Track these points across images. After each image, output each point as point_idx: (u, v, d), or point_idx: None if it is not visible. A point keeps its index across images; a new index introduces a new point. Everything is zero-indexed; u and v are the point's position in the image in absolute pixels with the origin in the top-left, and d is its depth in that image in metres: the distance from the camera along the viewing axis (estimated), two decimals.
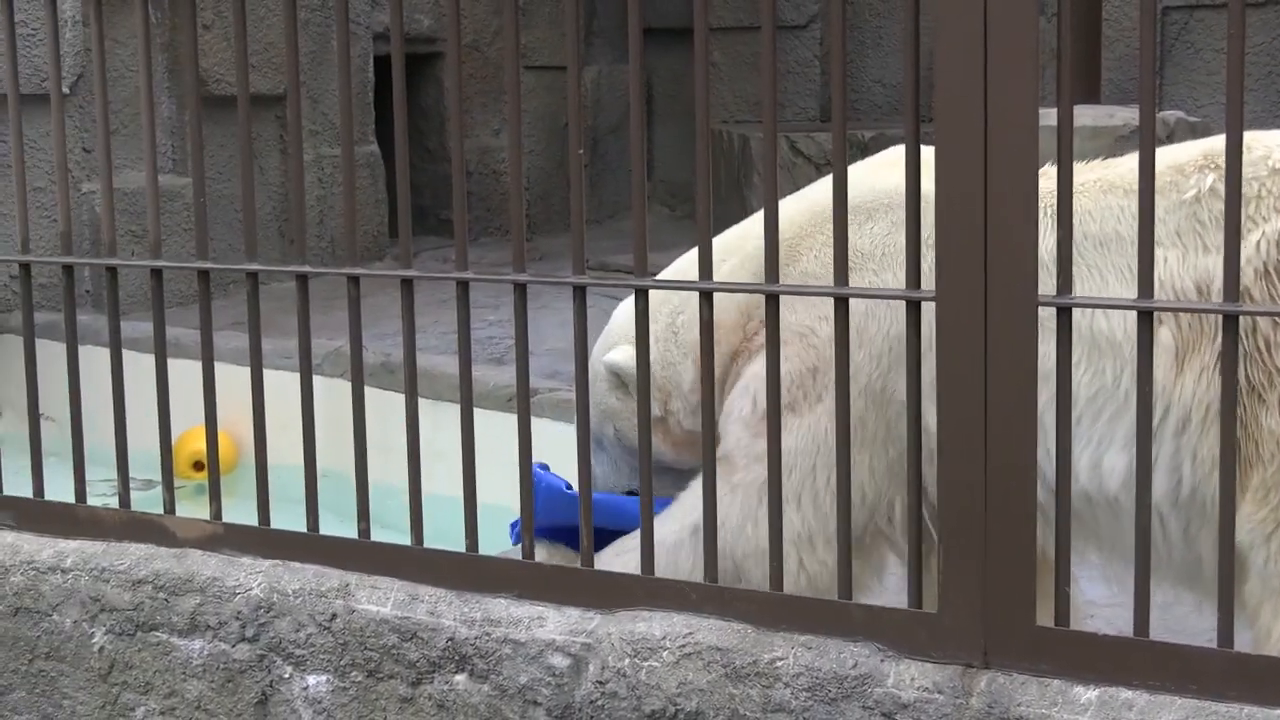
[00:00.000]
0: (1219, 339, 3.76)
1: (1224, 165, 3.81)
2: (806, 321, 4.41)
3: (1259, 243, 3.90)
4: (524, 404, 4.27)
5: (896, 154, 4.57)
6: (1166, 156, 4.08)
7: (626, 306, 4.83)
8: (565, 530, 4.56)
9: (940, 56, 3.60)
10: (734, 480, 4.35)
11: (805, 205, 4.59)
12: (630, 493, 4.92)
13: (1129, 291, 3.92)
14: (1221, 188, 3.84)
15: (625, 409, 4.72)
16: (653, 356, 4.62)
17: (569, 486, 4.68)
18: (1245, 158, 3.87)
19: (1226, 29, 3.44)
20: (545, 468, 4.82)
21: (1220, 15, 12.38)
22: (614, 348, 4.79)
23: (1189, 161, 3.99)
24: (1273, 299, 3.86)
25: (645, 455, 4.15)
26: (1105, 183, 4.14)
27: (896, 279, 4.25)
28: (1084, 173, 4.24)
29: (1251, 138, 4.02)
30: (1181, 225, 3.95)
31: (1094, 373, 4.07)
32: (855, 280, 4.22)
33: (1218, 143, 3.98)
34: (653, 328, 4.61)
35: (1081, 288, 4.00)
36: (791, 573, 4.25)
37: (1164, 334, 3.94)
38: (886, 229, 4.36)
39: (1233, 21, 3.39)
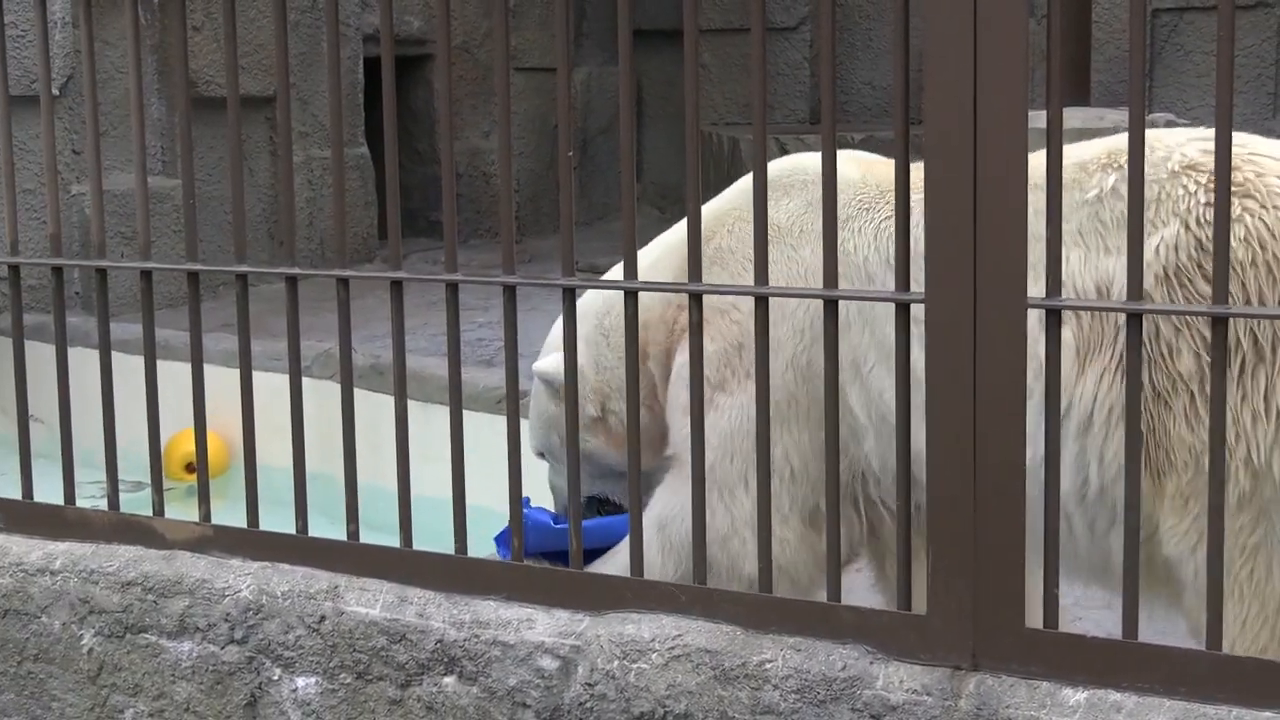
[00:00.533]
0: (1120, 340, 3.75)
1: (1127, 165, 3.79)
2: (727, 298, 4.41)
3: (1158, 247, 3.88)
4: (513, 406, 4.27)
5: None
6: (1070, 155, 4.05)
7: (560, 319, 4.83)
8: (558, 555, 4.56)
9: (930, 59, 3.61)
10: (685, 473, 4.30)
11: (725, 193, 4.67)
12: (603, 503, 4.93)
13: None
14: (1123, 188, 3.79)
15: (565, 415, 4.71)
16: (586, 360, 4.65)
17: (556, 520, 4.70)
18: (1146, 159, 3.86)
19: (1216, 31, 3.44)
20: (527, 502, 4.84)
21: (1209, 17, 12.39)
22: (547, 355, 4.81)
23: (1092, 160, 3.94)
24: (1172, 303, 3.84)
25: (634, 456, 4.15)
26: None
27: (815, 253, 4.26)
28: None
29: (1153, 137, 3.99)
30: (1084, 225, 3.93)
31: None
32: (774, 254, 4.27)
33: (1121, 141, 3.91)
34: (581, 330, 4.63)
35: None
36: (751, 555, 4.24)
37: (1065, 334, 3.90)
38: (802, 207, 4.40)
39: (1222, 24, 3.39)
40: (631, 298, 4.09)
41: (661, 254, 4.67)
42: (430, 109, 13.34)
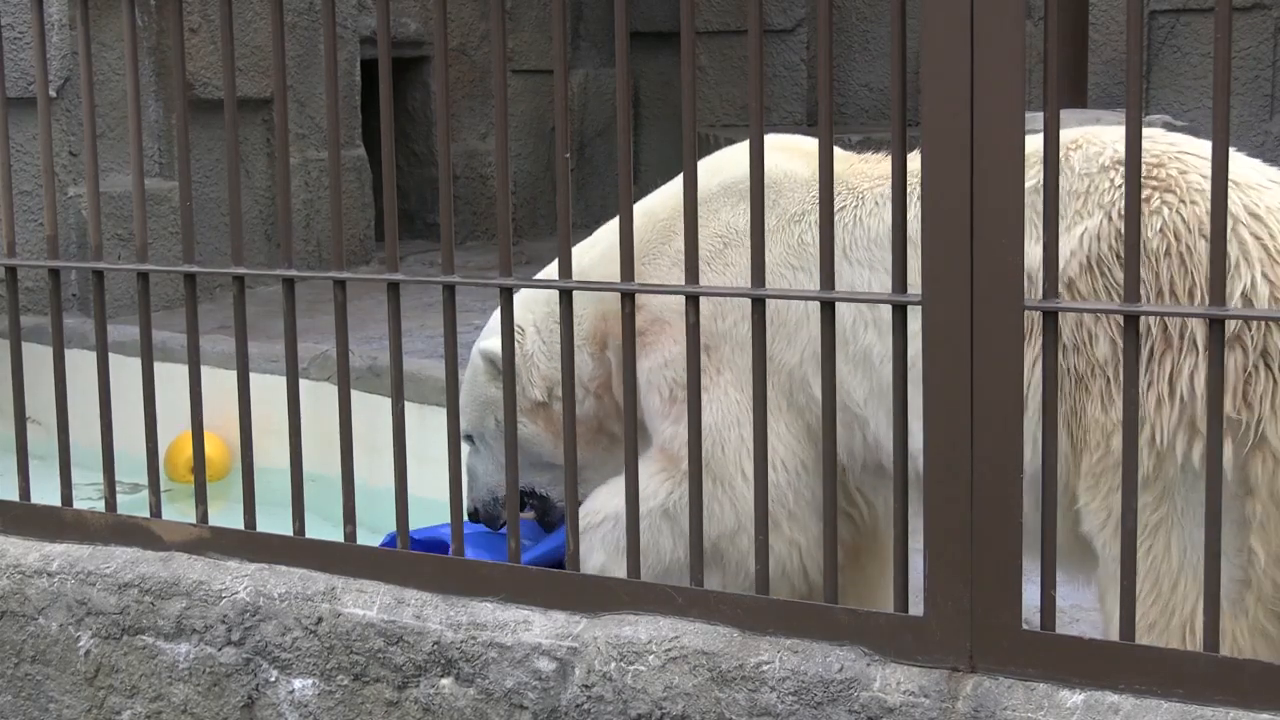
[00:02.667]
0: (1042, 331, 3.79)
1: (1068, 157, 3.89)
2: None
3: (1082, 236, 3.97)
4: (510, 406, 4.27)
5: (776, 140, 4.61)
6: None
7: (516, 299, 4.81)
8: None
9: (926, 61, 3.61)
10: (684, 469, 4.30)
11: (677, 188, 4.65)
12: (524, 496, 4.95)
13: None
14: (1062, 182, 3.87)
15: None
16: (533, 346, 4.67)
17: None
18: (1081, 153, 3.99)
19: (1213, 33, 3.44)
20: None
21: (1206, 19, 12.40)
22: (493, 335, 4.80)
23: (1034, 153, 3.98)
24: (1095, 292, 3.94)
25: (631, 455, 4.15)
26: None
27: (785, 248, 4.39)
28: (879, 164, 4.40)
29: (1092, 134, 4.12)
30: None
31: None
32: (734, 256, 4.42)
33: (1066, 136, 3.98)
34: (530, 317, 4.66)
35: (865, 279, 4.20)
36: (743, 548, 4.28)
37: None
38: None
39: (1219, 26, 3.40)
40: (629, 299, 4.09)
41: (608, 248, 4.67)
42: (427, 111, 13.35)
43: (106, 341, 4.83)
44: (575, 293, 4.23)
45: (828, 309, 3.86)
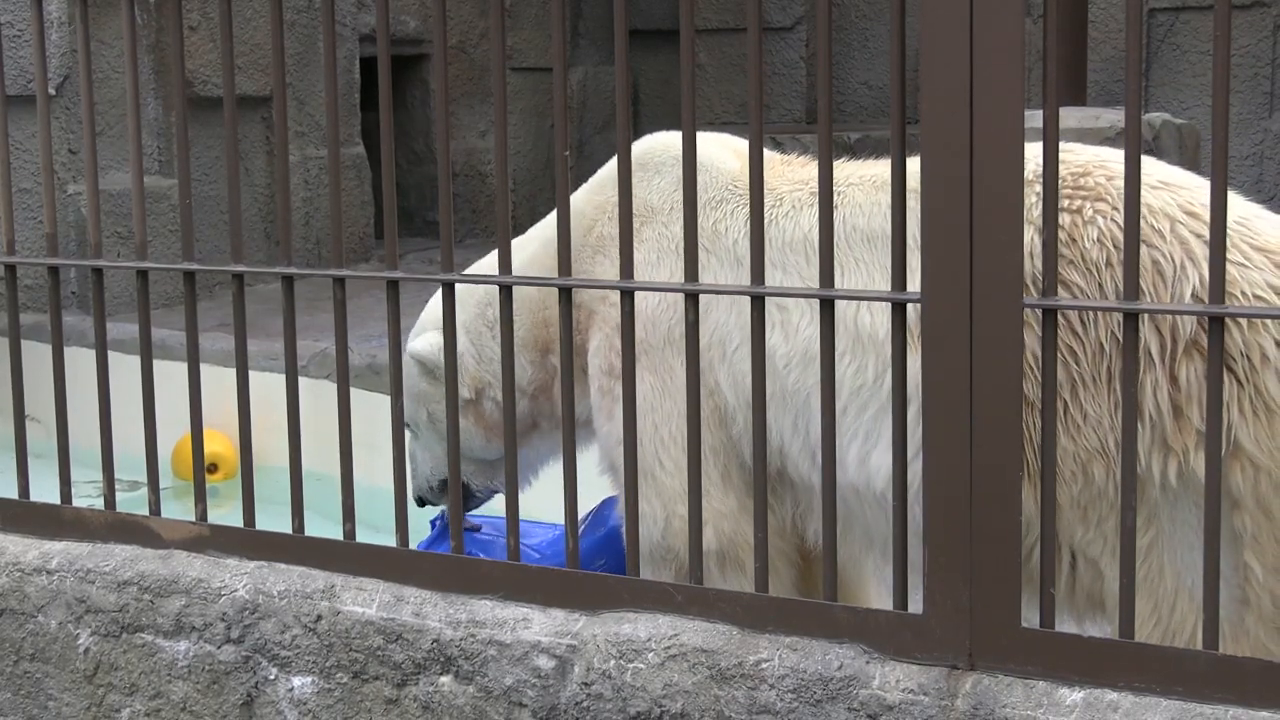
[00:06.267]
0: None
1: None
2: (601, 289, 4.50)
3: None
4: (510, 405, 4.27)
5: (712, 135, 4.72)
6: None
7: (436, 297, 4.83)
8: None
9: (926, 59, 3.61)
10: (620, 479, 4.32)
11: (594, 182, 4.81)
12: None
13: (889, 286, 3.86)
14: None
15: (436, 392, 4.80)
16: (463, 345, 4.70)
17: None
18: None
19: (1212, 30, 3.44)
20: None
21: (1206, 17, 12.40)
22: (421, 335, 4.90)
23: None
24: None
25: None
26: (880, 180, 4.17)
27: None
28: (862, 168, 4.35)
29: None
30: None
31: (857, 367, 4.14)
32: (648, 233, 4.44)
33: None
34: (461, 316, 4.65)
35: (846, 280, 4.15)
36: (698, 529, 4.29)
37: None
38: (673, 184, 4.50)
39: (1218, 23, 3.39)
40: (628, 297, 4.08)
41: (539, 249, 4.70)
42: (426, 109, 13.34)
43: (106, 339, 4.83)
44: (489, 294, 4.27)
45: (827, 306, 3.86)
